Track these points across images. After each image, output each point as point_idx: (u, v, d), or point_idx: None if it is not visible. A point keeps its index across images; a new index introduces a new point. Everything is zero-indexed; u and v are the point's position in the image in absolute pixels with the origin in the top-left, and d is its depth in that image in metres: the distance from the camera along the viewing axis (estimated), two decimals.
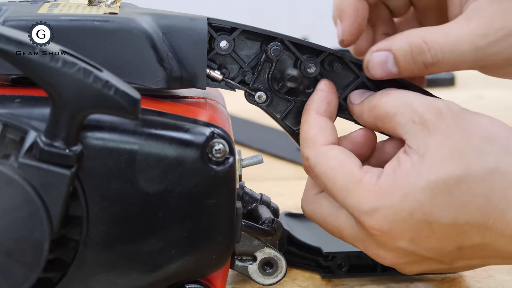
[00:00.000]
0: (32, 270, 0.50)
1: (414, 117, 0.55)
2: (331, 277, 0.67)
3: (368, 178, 0.55)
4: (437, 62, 0.57)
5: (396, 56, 0.58)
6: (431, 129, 0.54)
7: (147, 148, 0.54)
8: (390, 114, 0.56)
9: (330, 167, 0.56)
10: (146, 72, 0.56)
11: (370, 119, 0.58)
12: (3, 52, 0.48)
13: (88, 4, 0.60)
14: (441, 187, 0.53)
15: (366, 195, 0.54)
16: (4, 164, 0.50)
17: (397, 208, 0.53)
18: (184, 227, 0.55)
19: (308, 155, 0.57)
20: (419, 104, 0.55)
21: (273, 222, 0.63)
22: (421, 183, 0.53)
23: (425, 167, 0.53)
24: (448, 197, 0.53)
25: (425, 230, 0.54)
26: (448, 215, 0.53)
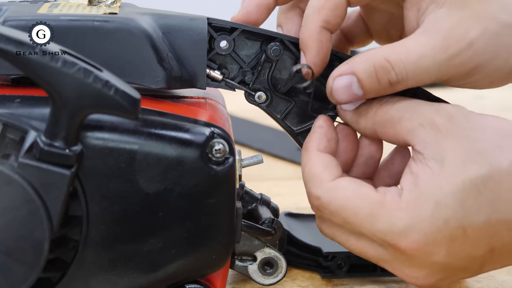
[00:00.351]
0: (32, 270, 0.50)
1: (422, 121, 0.54)
2: (331, 277, 0.67)
3: (390, 197, 0.53)
4: (403, 80, 0.56)
5: (360, 79, 0.56)
6: (444, 132, 0.53)
7: (147, 148, 0.54)
8: (394, 119, 0.55)
9: (347, 199, 0.54)
10: (146, 72, 0.56)
11: (368, 124, 0.57)
12: (3, 52, 0.48)
13: (88, 4, 0.60)
14: (470, 189, 0.52)
15: (395, 215, 0.53)
16: (4, 164, 0.50)
17: (432, 219, 0.52)
18: (184, 227, 0.55)
19: (318, 194, 0.55)
20: (426, 108, 0.55)
21: (273, 222, 0.63)
22: (449, 188, 0.52)
23: (448, 173, 0.52)
24: (478, 197, 0.52)
25: (460, 237, 0.53)
26: (480, 216, 0.52)
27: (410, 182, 0.54)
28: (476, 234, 0.53)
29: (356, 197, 0.54)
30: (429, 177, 0.53)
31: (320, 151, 0.57)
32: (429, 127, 0.54)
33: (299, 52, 0.60)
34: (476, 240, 0.53)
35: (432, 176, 0.53)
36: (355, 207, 0.54)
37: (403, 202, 0.53)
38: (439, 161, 0.53)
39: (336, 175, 0.56)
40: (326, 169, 0.56)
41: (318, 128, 0.59)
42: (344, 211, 0.54)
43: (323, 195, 0.55)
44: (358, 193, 0.54)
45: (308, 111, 0.61)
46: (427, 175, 0.53)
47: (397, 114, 0.55)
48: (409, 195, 0.53)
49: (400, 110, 0.55)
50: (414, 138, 0.54)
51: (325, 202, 0.55)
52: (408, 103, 0.56)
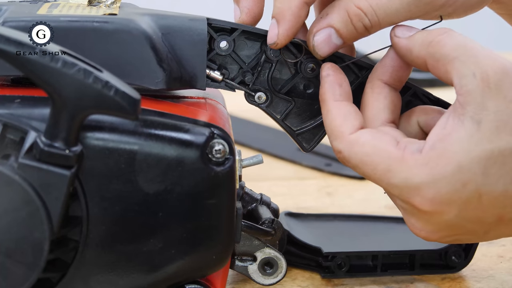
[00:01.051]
0: (32, 270, 0.50)
1: (476, 70, 0.53)
2: (331, 277, 0.67)
3: (409, 153, 0.53)
4: (376, 24, 0.57)
5: (337, 29, 0.57)
6: (493, 90, 0.52)
7: (147, 148, 0.54)
8: (450, 57, 0.54)
9: (366, 154, 0.54)
10: (146, 72, 0.56)
11: (421, 53, 0.56)
12: (3, 52, 0.48)
13: (88, 5, 0.60)
14: (497, 158, 0.52)
15: (413, 171, 0.53)
16: (4, 165, 0.50)
17: (451, 179, 0.52)
18: (184, 227, 0.55)
19: (339, 148, 0.56)
20: (484, 56, 0.53)
21: (273, 222, 0.63)
22: (477, 153, 0.52)
23: (480, 136, 0.52)
24: (502, 168, 0.52)
25: (474, 202, 0.53)
26: (499, 186, 0.52)
27: (438, 137, 0.53)
28: (490, 202, 0.53)
29: (374, 153, 0.54)
30: (460, 137, 0.52)
31: (336, 100, 0.57)
32: (481, 80, 0.53)
33: (299, 53, 0.60)
34: (489, 207, 0.53)
35: (464, 136, 0.52)
36: (373, 163, 0.54)
37: (423, 158, 0.53)
38: (475, 122, 0.52)
39: (356, 125, 0.56)
40: (345, 120, 0.56)
41: (326, 77, 0.58)
42: (364, 166, 0.55)
43: (344, 149, 0.56)
44: (378, 149, 0.54)
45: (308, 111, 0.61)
46: (459, 134, 0.52)
47: (453, 53, 0.54)
48: (431, 152, 0.53)
49: (458, 49, 0.54)
50: (462, 87, 0.53)
51: (346, 156, 0.56)
52: (467, 42, 0.54)
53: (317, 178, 0.92)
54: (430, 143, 0.53)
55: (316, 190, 0.88)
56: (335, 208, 0.83)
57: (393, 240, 0.70)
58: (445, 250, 0.67)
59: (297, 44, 0.60)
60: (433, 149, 0.53)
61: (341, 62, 0.61)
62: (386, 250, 0.67)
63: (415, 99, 0.61)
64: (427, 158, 0.53)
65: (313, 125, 0.62)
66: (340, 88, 0.58)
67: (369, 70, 0.61)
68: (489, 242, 0.73)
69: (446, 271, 0.68)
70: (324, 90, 0.58)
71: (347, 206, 0.84)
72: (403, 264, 0.68)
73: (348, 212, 0.80)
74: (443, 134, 0.53)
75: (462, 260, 0.68)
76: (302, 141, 0.62)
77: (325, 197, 0.86)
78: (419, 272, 0.67)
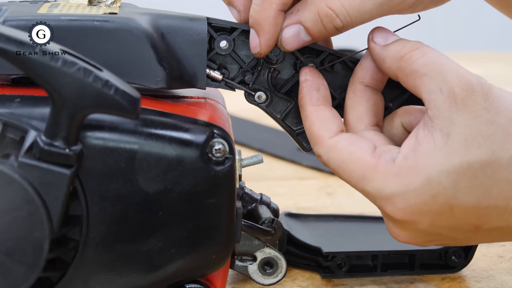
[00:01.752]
0: (32, 270, 0.50)
1: (443, 86, 0.54)
2: (331, 277, 0.67)
3: (383, 162, 0.54)
4: (348, 24, 0.57)
5: (306, 27, 0.58)
6: (460, 105, 0.53)
7: (147, 147, 0.54)
8: (419, 73, 0.55)
9: (342, 160, 0.55)
10: (146, 72, 0.56)
11: (392, 66, 0.57)
12: (3, 51, 0.48)
13: (88, 4, 0.60)
14: (466, 171, 0.52)
15: (385, 181, 0.54)
16: (4, 164, 0.50)
17: (420, 191, 0.53)
18: (184, 227, 0.55)
19: (319, 152, 0.57)
20: (451, 73, 0.54)
21: (273, 222, 0.63)
22: (446, 166, 0.52)
23: (449, 149, 0.52)
24: (472, 181, 0.53)
25: (446, 213, 0.53)
26: (470, 199, 0.53)
27: (411, 148, 0.54)
28: (462, 214, 0.53)
29: (350, 160, 0.55)
30: (429, 149, 0.53)
31: (313, 105, 0.58)
32: (447, 95, 0.53)
33: (299, 52, 0.60)
34: (462, 218, 0.54)
35: (433, 148, 0.53)
36: (349, 169, 0.55)
37: (395, 168, 0.53)
38: (444, 135, 0.53)
39: (334, 130, 0.57)
40: (323, 125, 0.57)
41: (304, 82, 0.59)
42: (341, 171, 0.56)
43: (323, 154, 0.57)
44: (354, 156, 0.55)
45: None
46: (429, 146, 0.53)
47: (422, 69, 0.55)
48: (403, 162, 0.53)
49: (427, 65, 0.55)
50: (430, 101, 0.54)
51: (325, 160, 0.57)
52: (437, 59, 0.55)
53: (317, 178, 0.92)
54: (403, 153, 0.54)
55: (316, 190, 0.88)
56: (335, 208, 0.83)
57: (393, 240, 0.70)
58: (445, 250, 0.68)
59: None
60: (405, 160, 0.53)
61: (341, 61, 0.61)
62: (386, 250, 0.67)
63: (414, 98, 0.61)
64: (399, 168, 0.53)
65: None
66: (318, 93, 0.59)
67: None
68: None
69: (446, 271, 0.68)
70: (302, 95, 0.59)
71: (347, 206, 0.84)
72: (403, 264, 0.68)
73: (348, 212, 0.80)
74: (415, 145, 0.54)
75: (462, 260, 0.68)
76: (302, 140, 0.62)
77: (325, 197, 0.87)
78: (419, 272, 0.67)
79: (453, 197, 0.53)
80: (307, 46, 0.60)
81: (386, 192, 0.54)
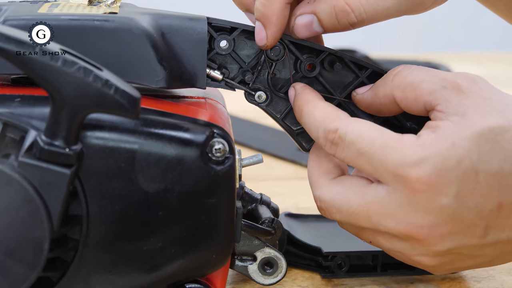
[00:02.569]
0: (32, 269, 0.50)
1: (444, 83, 0.55)
2: (331, 277, 0.67)
3: (408, 137, 0.54)
4: (362, 21, 0.58)
5: (320, 18, 0.58)
6: (467, 93, 0.54)
7: (147, 147, 0.54)
8: (415, 83, 0.56)
9: (365, 129, 0.55)
10: (146, 71, 0.56)
11: (387, 90, 0.57)
12: (3, 51, 0.48)
13: (88, 4, 0.60)
14: (487, 136, 0.53)
15: (410, 150, 0.53)
16: (4, 163, 0.50)
17: (445, 155, 0.53)
18: (184, 226, 0.55)
19: (336, 126, 0.55)
20: (447, 73, 0.56)
21: (273, 222, 0.63)
22: (467, 133, 0.53)
23: (468, 121, 0.53)
24: (494, 145, 0.53)
25: (471, 181, 0.53)
26: (494, 164, 0.53)
27: (430, 130, 0.54)
28: (487, 181, 0.53)
29: (374, 130, 0.55)
30: (449, 126, 0.54)
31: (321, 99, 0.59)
32: (452, 88, 0.55)
33: (298, 52, 0.60)
34: (487, 188, 0.53)
35: (452, 125, 0.54)
36: (371, 137, 0.54)
37: (419, 141, 0.54)
38: (460, 115, 0.54)
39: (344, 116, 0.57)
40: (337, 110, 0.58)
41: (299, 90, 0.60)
42: (361, 140, 0.54)
43: (342, 126, 0.55)
44: (376, 127, 0.55)
45: None
46: (448, 124, 0.54)
47: (417, 78, 0.56)
48: (427, 137, 0.54)
49: (421, 74, 0.56)
50: (436, 99, 0.55)
51: (342, 133, 0.55)
52: (427, 69, 0.57)
53: None
54: (424, 133, 0.54)
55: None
56: None
57: None
58: None
59: None
60: (428, 135, 0.54)
61: (341, 61, 0.61)
62: None
63: None
64: (423, 140, 0.54)
65: None
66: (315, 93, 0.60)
67: (369, 70, 0.61)
68: None
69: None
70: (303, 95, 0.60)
71: None
72: (403, 264, 0.68)
73: None
74: (433, 128, 0.54)
75: None
76: (302, 140, 0.62)
77: None
78: (419, 272, 0.67)
79: (478, 161, 0.53)
80: (307, 46, 0.60)
81: (412, 159, 0.53)
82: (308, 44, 0.60)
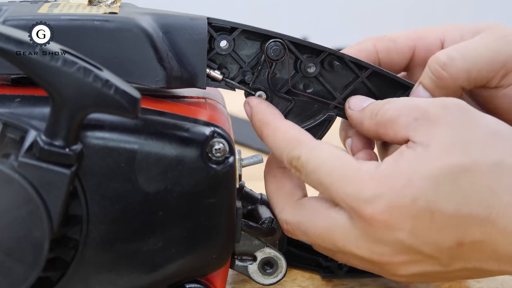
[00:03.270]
0: (32, 269, 0.50)
1: (417, 115, 0.54)
2: (331, 277, 0.67)
3: (367, 166, 0.54)
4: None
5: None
6: (435, 121, 0.54)
7: (147, 147, 0.54)
8: (393, 118, 0.56)
9: (325, 158, 0.55)
10: (146, 71, 0.56)
11: (371, 125, 0.58)
12: (4, 51, 0.48)
13: (88, 4, 0.60)
14: (446, 175, 0.52)
15: (366, 183, 0.53)
16: (4, 163, 0.50)
17: (399, 193, 0.52)
18: (184, 227, 0.55)
19: (299, 153, 0.56)
20: (423, 102, 0.55)
21: (273, 222, 0.63)
22: (425, 170, 0.52)
23: (429, 156, 0.53)
24: (453, 186, 0.52)
25: (426, 220, 0.53)
26: (451, 205, 0.52)
27: (393, 159, 0.54)
28: (443, 221, 0.53)
29: (333, 159, 0.55)
30: (410, 157, 0.53)
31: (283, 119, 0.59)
32: (422, 118, 0.54)
33: (298, 52, 0.60)
34: (443, 227, 0.53)
35: (414, 157, 0.53)
36: (330, 167, 0.55)
37: (377, 173, 0.53)
38: (425, 147, 0.53)
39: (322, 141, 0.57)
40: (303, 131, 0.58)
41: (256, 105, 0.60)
42: (320, 170, 0.55)
43: (304, 154, 0.56)
44: (337, 156, 0.55)
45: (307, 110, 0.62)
46: (410, 155, 0.53)
47: (395, 113, 0.56)
48: (386, 168, 0.53)
49: (399, 108, 0.56)
50: (409, 131, 0.55)
51: (304, 161, 0.56)
52: (407, 101, 0.56)
53: None
54: (386, 162, 0.54)
55: (316, 190, 0.88)
56: None
57: None
58: None
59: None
60: (387, 166, 0.54)
61: (341, 61, 0.61)
62: None
63: None
64: (380, 173, 0.53)
65: (312, 125, 0.62)
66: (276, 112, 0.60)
67: (369, 70, 0.61)
68: None
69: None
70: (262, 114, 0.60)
71: None
72: None
73: None
74: (396, 156, 0.54)
75: None
76: None
77: None
78: None
79: (433, 201, 0.52)
80: (307, 46, 0.60)
81: (367, 194, 0.53)
82: (308, 44, 0.61)
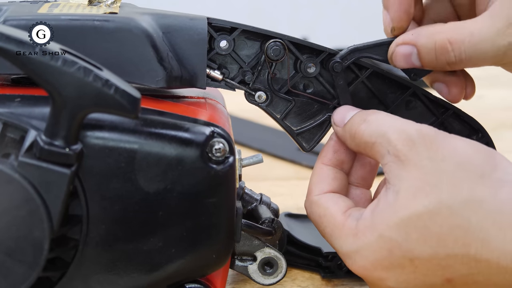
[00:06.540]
0: (32, 269, 0.50)
1: (389, 148, 0.55)
2: (331, 277, 0.67)
3: (349, 222, 0.56)
4: (460, 62, 0.57)
5: (420, 52, 0.58)
6: (403, 160, 0.54)
7: (147, 147, 0.54)
8: (370, 144, 0.57)
9: (319, 216, 0.58)
10: (146, 71, 0.56)
11: (352, 146, 0.59)
12: (4, 51, 0.48)
13: (88, 4, 0.60)
14: (415, 223, 0.53)
15: (346, 239, 0.56)
16: (4, 163, 0.50)
17: (376, 247, 0.54)
18: (184, 226, 0.55)
19: (305, 203, 0.60)
20: (392, 132, 0.55)
21: (273, 222, 0.63)
22: (394, 221, 0.53)
23: (398, 204, 0.53)
24: (424, 231, 0.53)
25: (408, 266, 0.53)
26: (426, 250, 0.53)
27: (371, 208, 0.55)
28: (425, 266, 0.53)
29: (324, 217, 0.58)
30: (383, 208, 0.54)
31: (323, 163, 0.61)
32: (393, 155, 0.55)
33: (298, 52, 0.60)
34: (427, 270, 0.53)
35: (386, 206, 0.54)
36: (323, 225, 0.58)
37: (355, 228, 0.55)
38: (395, 193, 0.54)
39: (324, 190, 0.60)
40: (319, 182, 0.60)
41: (329, 141, 0.61)
42: (317, 225, 0.59)
43: (307, 207, 0.60)
44: (328, 213, 0.58)
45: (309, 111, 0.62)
46: (384, 205, 0.54)
47: (370, 140, 0.57)
48: (362, 223, 0.55)
49: (373, 135, 0.56)
50: (384, 165, 0.56)
51: (308, 213, 0.60)
52: (380, 123, 0.57)
53: None
54: (364, 214, 0.56)
55: None
56: None
57: None
58: None
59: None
60: (364, 220, 0.55)
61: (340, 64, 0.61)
62: None
63: (414, 98, 0.62)
64: (357, 229, 0.55)
65: (312, 125, 0.62)
66: (333, 154, 0.61)
67: (369, 70, 0.61)
68: None
69: None
70: (321, 151, 0.62)
71: None
72: None
73: None
74: (375, 205, 0.55)
75: None
76: (302, 141, 0.62)
77: None
78: None
79: (407, 250, 0.53)
80: (307, 46, 0.60)
81: (348, 250, 0.55)
82: (308, 44, 0.61)
